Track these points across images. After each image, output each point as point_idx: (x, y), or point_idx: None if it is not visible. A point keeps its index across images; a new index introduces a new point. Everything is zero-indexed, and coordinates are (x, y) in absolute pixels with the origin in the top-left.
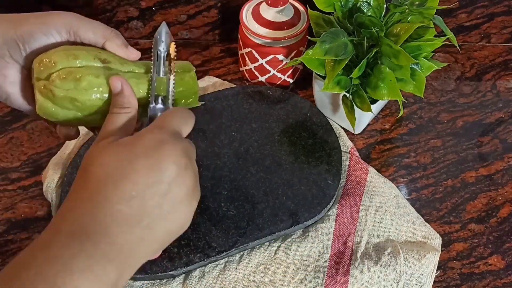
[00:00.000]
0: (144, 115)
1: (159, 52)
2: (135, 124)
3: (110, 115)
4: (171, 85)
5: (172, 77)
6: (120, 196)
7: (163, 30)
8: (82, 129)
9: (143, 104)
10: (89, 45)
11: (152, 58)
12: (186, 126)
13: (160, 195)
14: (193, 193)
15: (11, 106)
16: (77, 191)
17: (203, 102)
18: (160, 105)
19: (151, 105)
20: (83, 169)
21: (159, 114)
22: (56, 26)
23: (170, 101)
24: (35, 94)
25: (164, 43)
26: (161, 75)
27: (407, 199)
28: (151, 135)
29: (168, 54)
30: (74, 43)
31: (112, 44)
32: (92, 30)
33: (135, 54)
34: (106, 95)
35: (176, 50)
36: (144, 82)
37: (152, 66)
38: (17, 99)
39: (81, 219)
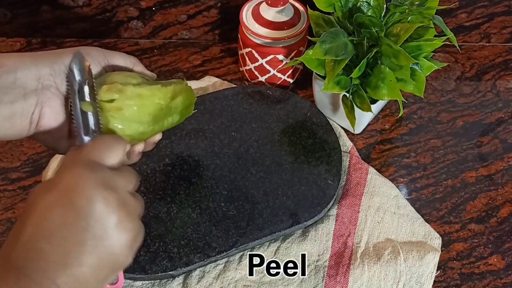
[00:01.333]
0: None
1: (74, 86)
2: None
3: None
4: (97, 113)
5: (96, 104)
6: (41, 234)
7: (77, 60)
8: None
9: (156, 115)
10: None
11: (68, 91)
12: (111, 154)
13: (80, 231)
14: (121, 226)
15: (47, 142)
16: (16, 225)
17: (196, 110)
18: (87, 137)
19: (79, 138)
20: (23, 209)
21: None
22: (96, 57)
23: (98, 130)
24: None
25: (81, 72)
26: (84, 106)
27: (407, 199)
28: (65, 171)
29: (89, 81)
30: (107, 70)
31: (139, 67)
32: (122, 58)
33: (153, 74)
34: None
35: (94, 75)
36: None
37: (73, 99)
38: (59, 131)
39: (12, 254)
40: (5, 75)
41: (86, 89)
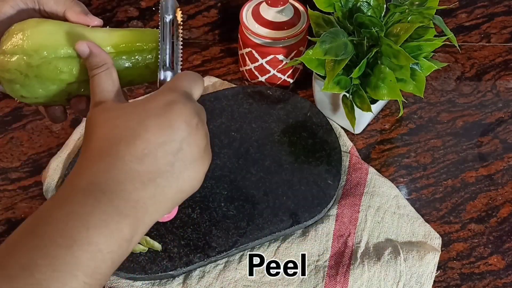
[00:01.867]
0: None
1: (165, 19)
2: (117, 77)
3: (92, 78)
4: (179, 51)
5: (179, 43)
6: (133, 154)
7: None
8: (82, 129)
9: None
10: (53, 14)
11: (159, 24)
12: (197, 88)
13: (172, 153)
14: (204, 153)
15: None
16: (90, 151)
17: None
18: (168, 71)
19: (160, 72)
20: (90, 133)
21: (168, 79)
22: None
23: (178, 67)
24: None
25: (170, 9)
26: (167, 42)
27: (407, 199)
28: (161, 96)
29: (175, 21)
30: (40, 12)
31: (71, 12)
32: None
33: (96, 21)
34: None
35: (182, 16)
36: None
37: (161, 33)
38: None
39: (96, 176)
40: None
41: (170, 29)
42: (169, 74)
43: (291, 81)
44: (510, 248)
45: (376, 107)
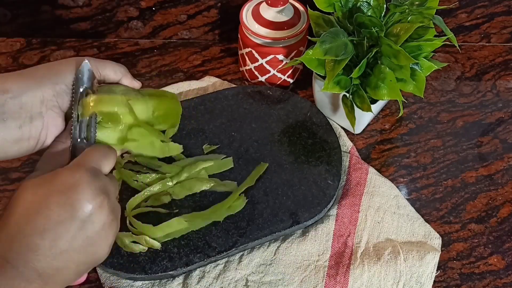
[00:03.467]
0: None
1: (80, 92)
2: (61, 158)
3: None
4: (93, 124)
5: (94, 116)
6: (33, 229)
7: (85, 68)
8: None
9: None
10: (110, 82)
11: (73, 97)
12: (106, 162)
13: (73, 231)
14: (109, 228)
15: None
16: (2, 219)
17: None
18: (82, 144)
19: (74, 144)
20: (9, 202)
21: (80, 152)
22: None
23: (92, 140)
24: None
25: (87, 81)
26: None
27: (407, 199)
28: (68, 172)
29: (91, 92)
30: (99, 82)
31: (127, 79)
32: (113, 70)
33: (139, 83)
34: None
35: (97, 87)
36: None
37: (76, 106)
38: None
39: (2, 246)
40: (11, 101)
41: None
42: (82, 147)
43: (291, 81)
44: (510, 248)
45: (376, 107)
